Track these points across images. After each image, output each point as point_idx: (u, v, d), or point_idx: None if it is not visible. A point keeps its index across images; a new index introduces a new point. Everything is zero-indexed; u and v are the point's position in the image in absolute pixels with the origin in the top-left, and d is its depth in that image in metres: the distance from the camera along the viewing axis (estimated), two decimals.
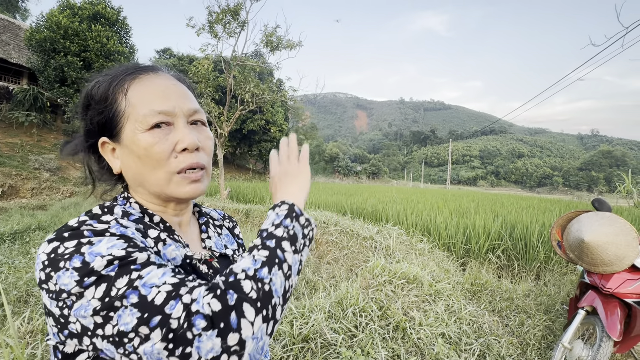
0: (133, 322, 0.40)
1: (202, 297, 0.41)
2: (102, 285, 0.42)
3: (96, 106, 0.57)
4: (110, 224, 0.49)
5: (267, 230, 0.52)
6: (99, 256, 0.43)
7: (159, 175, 0.55)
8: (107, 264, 0.43)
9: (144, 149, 0.54)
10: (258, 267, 0.46)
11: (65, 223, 0.49)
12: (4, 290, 3.39)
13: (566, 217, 2.61)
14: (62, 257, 0.44)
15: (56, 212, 8.44)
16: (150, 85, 0.56)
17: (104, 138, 0.58)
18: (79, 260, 0.43)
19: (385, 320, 2.46)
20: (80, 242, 0.45)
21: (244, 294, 0.43)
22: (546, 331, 2.81)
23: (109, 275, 0.42)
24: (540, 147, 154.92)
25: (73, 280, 0.43)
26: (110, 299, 0.41)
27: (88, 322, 0.43)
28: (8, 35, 18.99)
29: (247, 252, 0.50)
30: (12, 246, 5.35)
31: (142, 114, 0.54)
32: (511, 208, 7.73)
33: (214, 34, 8.20)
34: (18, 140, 15.43)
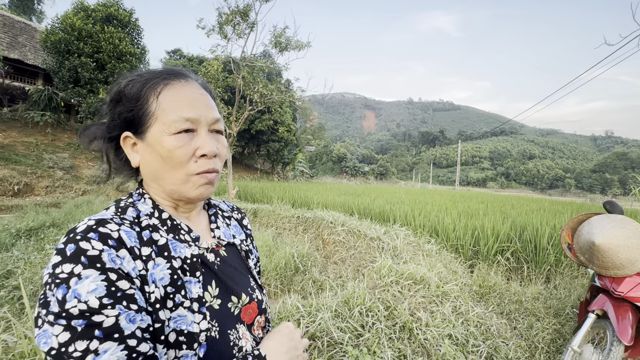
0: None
1: None
2: (66, 334, 0.44)
3: (127, 103, 0.61)
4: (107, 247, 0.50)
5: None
6: (76, 299, 0.45)
7: (177, 175, 0.60)
8: (78, 314, 0.45)
9: (168, 151, 0.58)
10: None
11: (75, 228, 0.51)
12: (20, 285, 3.50)
13: (577, 220, 2.58)
14: (54, 280, 0.46)
15: (69, 209, 8.64)
16: (180, 93, 0.61)
17: (127, 132, 0.61)
18: (61, 294, 0.45)
19: (391, 320, 2.47)
20: (73, 271, 0.46)
21: None
22: (555, 334, 2.78)
23: (75, 329, 0.44)
24: (552, 148, 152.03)
25: (55, 307, 0.45)
26: (63, 353, 0.44)
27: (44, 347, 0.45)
28: (24, 37, 19.49)
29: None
30: (27, 242, 5.51)
31: (171, 119, 0.58)
32: (521, 210, 7.62)
33: (223, 35, 8.29)
34: (33, 140, 15.82)
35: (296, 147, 32.30)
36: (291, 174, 33.10)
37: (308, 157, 48.42)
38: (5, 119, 16.49)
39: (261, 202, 9.49)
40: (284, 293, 3.95)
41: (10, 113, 16.98)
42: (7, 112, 16.92)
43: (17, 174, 12.79)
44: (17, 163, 13.47)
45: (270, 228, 6.40)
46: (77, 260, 0.47)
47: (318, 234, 5.65)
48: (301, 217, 6.28)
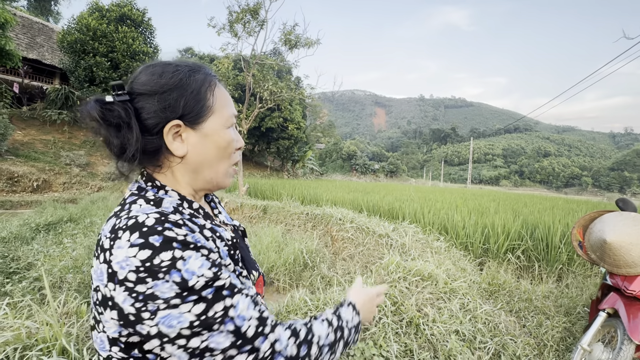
0: (226, 344, 0.50)
1: (285, 340, 0.57)
2: (201, 305, 0.49)
3: (188, 94, 0.60)
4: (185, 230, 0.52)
5: (342, 321, 0.70)
6: (195, 275, 0.49)
7: (223, 166, 0.66)
8: (204, 286, 0.49)
9: (227, 142, 0.64)
10: (325, 344, 0.63)
11: (137, 221, 0.51)
12: (41, 276, 3.65)
13: (588, 217, 2.54)
14: (160, 269, 0.47)
15: (85, 205, 8.90)
16: (224, 92, 0.68)
17: (178, 121, 0.59)
18: (178, 276, 0.48)
19: (398, 315, 2.49)
20: (174, 256, 0.48)
21: (309, 353, 0.59)
22: (565, 333, 2.75)
23: (207, 298, 0.49)
24: (569, 145, 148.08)
25: (173, 291, 0.47)
26: (207, 319, 0.49)
27: (171, 331, 0.48)
28: (42, 37, 20.05)
29: (325, 319, 0.68)
30: (46, 236, 5.71)
31: (228, 114, 0.65)
32: (534, 208, 7.49)
33: (234, 33, 8.38)
34: (51, 138, 16.31)
35: (306, 145, 32.36)
36: (301, 171, 33.21)
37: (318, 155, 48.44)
38: (25, 117, 17.04)
39: (271, 199, 9.58)
40: (293, 288, 4.00)
41: (29, 112, 17.53)
42: (27, 111, 17.47)
43: (36, 170, 13.22)
44: (36, 160, 13.92)
45: (280, 224, 6.47)
46: (171, 247, 0.49)
47: (327, 231, 5.68)
48: (310, 213, 6.33)
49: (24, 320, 1.72)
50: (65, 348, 1.54)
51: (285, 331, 0.57)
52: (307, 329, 0.61)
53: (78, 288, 3.29)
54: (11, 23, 11.98)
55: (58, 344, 1.52)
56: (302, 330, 0.60)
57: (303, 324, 0.62)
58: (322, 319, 0.67)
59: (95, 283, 0.52)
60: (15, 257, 4.44)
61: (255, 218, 7.30)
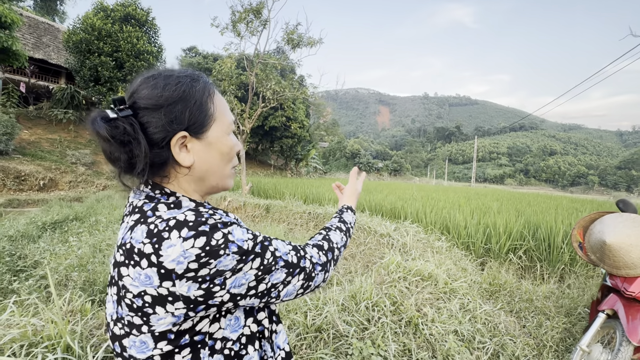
0: (283, 276, 0.64)
1: (316, 254, 0.74)
2: (258, 259, 0.60)
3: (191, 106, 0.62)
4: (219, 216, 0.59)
5: (347, 224, 0.93)
6: (244, 241, 0.58)
7: (227, 170, 0.70)
8: (254, 245, 0.60)
9: (230, 148, 0.69)
10: (341, 245, 0.85)
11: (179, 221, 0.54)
12: (47, 274, 3.72)
13: (589, 218, 2.53)
14: (219, 247, 0.54)
15: (91, 204, 9.00)
16: (222, 98, 0.71)
17: (184, 132, 0.61)
18: (235, 247, 0.56)
19: (397, 315, 2.51)
20: (224, 233, 0.56)
21: (334, 256, 0.80)
22: (565, 334, 2.75)
23: (259, 252, 0.60)
24: (575, 144, 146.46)
25: (235, 260, 0.56)
26: (265, 266, 0.61)
27: (241, 289, 0.59)
28: (48, 37, 20.24)
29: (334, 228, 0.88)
30: (52, 235, 5.80)
31: (229, 120, 0.69)
32: (537, 208, 7.45)
33: (237, 32, 8.40)
34: (57, 137, 16.49)
35: (309, 143, 32.37)
36: (304, 170, 33.23)
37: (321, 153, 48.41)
38: (31, 116, 17.23)
39: (274, 198, 9.62)
40: None
41: (36, 111, 17.73)
42: (33, 110, 17.67)
43: (43, 169, 13.39)
44: (43, 159, 14.09)
45: (282, 224, 6.51)
46: (217, 228, 0.56)
47: None
48: (313, 213, 6.36)
49: (30, 318, 1.76)
50: (70, 345, 1.58)
51: (313, 249, 0.74)
52: (327, 241, 0.80)
53: (83, 286, 3.34)
54: (18, 23, 12.11)
55: (63, 342, 1.56)
56: (324, 243, 0.79)
57: (322, 238, 0.81)
58: (334, 228, 0.87)
59: (139, 289, 0.53)
60: (22, 255, 4.53)
61: (258, 217, 7.35)
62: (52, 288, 1.65)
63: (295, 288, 0.66)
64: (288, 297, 0.66)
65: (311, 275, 0.69)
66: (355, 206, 1.03)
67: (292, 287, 0.66)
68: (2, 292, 3.34)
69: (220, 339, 0.60)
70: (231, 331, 0.62)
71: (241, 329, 0.63)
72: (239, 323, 0.63)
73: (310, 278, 0.69)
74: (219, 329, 0.60)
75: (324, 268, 0.73)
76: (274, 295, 0.63)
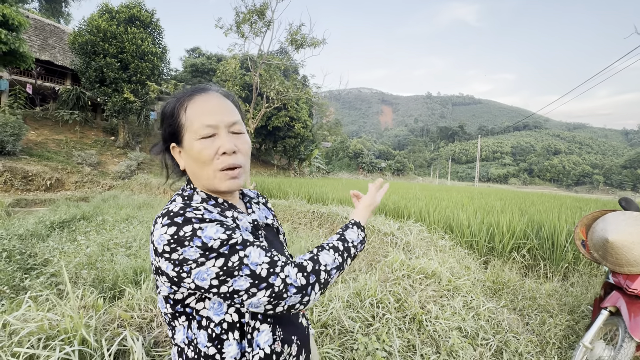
0: (246, 285, 0.64)
1: (294, 274, 0.69)
2: (221, 259, 0.63)
3: (167, 121, 0.78)
4: (202, 210, 0.68)
5: (347, 243, 0.84)
6: (212, 239, 0.63)
7: (207, 172, 0.74)
8: (220, 244, 0.64)
9: (196, 153, 0.73)
10: (332, 268, 0.77)
11: (168, 209, 0.68)
12: (57, 272, 3.80)
13: (591, 216, 2.56)
14: (185, 238, 0.63)
15: (97, 203, 9.12)
16: (201, 104, 0.75)
17: (173, 143, 0.78)
18: (199, 241, 0.63)
19: (401, 312, 2.55)
20: (194, 227, 0.64)
21: (319, 279, 0.72)
22: (568, 331, 2.78)
23: (224, 253, 0.64)
24: (579, 143, 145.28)
25: (197, 253, 0.62)
26: (228, 268, 0.63)
27: (205, 283, 0.63)
28: (54, 39, 20.46)
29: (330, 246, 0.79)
30: (61, 234, 5.90)
31: (195, 127, 0.73)
32: (541, 207, 7.44)
33: (241, 33, 8.47)
34: (63, 137, 16.66)
35: (312, 143, 32.42)
36: (307, 169, 33.29)
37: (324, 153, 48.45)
38: (38, 117, 17.43)
39: (277, 197, 9.67)
40: None
41: (42, 112, 17.93)
42: (40, 111, 17.87)
43: (49, 169, 13.55)
44: (49, 160, 14.25)
45: (286, 223, 6.56)
46: (191, 222, 0.65)
47: (333, 229, 5.75)
48: (316, 212, 6.40)
49: (46, 313, 1.82)
50: (85, 338, 1.64)
51: (294, 268, 0.69)
52: (313, 262, 0.73)
53: (93, 283, 3.41)
54: (25, 26, 12.27)
55: (79, 335, 1.62)
56: (308, 264, 0.72)
57: (310, 258, 0.74)
58: (328, 248, 0.79)
59: (151, 259, 0.70)
60: (32, 253, 4.62)
61: None
62: (68, 284, 1.71)
63: (259, 302, 0.65)
64: (254, 309, 0.66)
65: (281, 295, 0.66)
66: (365, 221, 0.93)
67: (257, 300, 0.65)
68: (15, 289, 3.42)
69: (205, 317, 0.69)
70: (214, 314, 0.69)
71: (223, 315, 0.69)
72: (222, 309, 0.69)
73: (280, 297, 0.66)
74: (203, 308, 0.69)
75: (301, 291, 0.68)
76: (237, 301, 0.65)
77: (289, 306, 0.68)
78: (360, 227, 0.89)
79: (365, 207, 0.96)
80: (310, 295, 0.69)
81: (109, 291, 3.20)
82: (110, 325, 1.91)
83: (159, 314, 2.18)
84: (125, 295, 2.31)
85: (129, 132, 19.27)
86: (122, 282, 3.31)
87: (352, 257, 0.83)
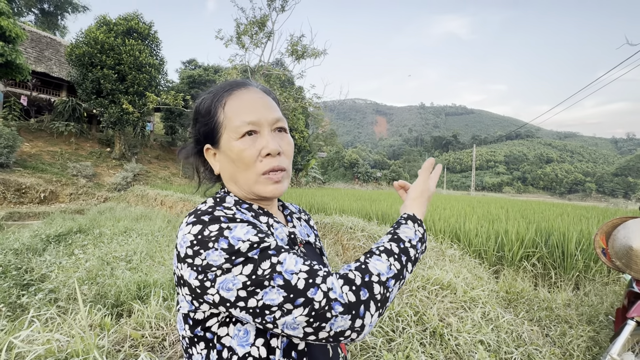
0: (279, 299, 0.51)
1: (339, 287, 0.54)
2: (249, 265, 0.52)
3: (202, 119, 0.69)
4: (234, 210, 0.61)
5: (404, 242, 0.65)
6: (240, 240, 0.54)
7: (248, 176, 0.65)
8: (249, 248, 0.53)
9: (236, 154, 0.64)
10: (390, 277, 0.59)
11: (197, 208, 0.61)
12: (56, 288, 3.65)
13: (611, 224, 2.52)
14: (209, 238, 0.54)
15: (93, 216, 8.92)
16: (241, 99, 0.67)
17: (207, 145, 0.70)
18: (225, 243, 0.53)
19: (421, 325, 2.46)
20: (221, 226, 0.55)
21: (373, 294, 0.55)
22: (590, 342, 2.70)
23: (253, 258, 0.53)
24: (571, 151, 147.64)
25: (222, 257, 0.52)
26: (257, 277, 0.52)
27: (231, 294, 0.52)
28: (50, 51, 20.42)
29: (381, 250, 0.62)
30: (57, 247, 5.72)
31: (236, 124, 0.64)
32: (544, 215, 7.44)
33: (241, 44, 8.51)
34: (58, 149, 16.46)
35: (309, 154, 32.46)
36: (304, 180, 33.24)
37: (320, 163, 48.53)
38: (32, 129, 17.23)
39: None
40: None
41: (37, 124, 17.74)
42: (34, 123, 17.69)
43: (44, 182, 13.31)
44: (44, 171, 14.02)
45: None
46: (219, 221, 0.56)
47: (337, 240, 5.65)
48: (320, 222, 6.31)
49: (53, 334, 1.71)
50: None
51: (339, 280, 0.54)
52: (362, 272, 0.57)
53: (94, 300, 3.27)
54: (22, 38, 12.24)
55: (91, 358, 1.52)
56: (356, 276, 0.56)
57: (357, 268, 0.58)
58: (378, 252, 0.61)
59: (173, 268, 0.60)
60: (28, 268, 4.45)
61: None
62: (80, 301, 1.60)
63: (296, 322, 0.51)
64: (290, 332, 0.52)
65: (323, 315, 0.51)
66: (422, 214, 0.73)
67: (292, 320, 0.51)
68: (11, 306, 3.26)
69: (227, 347, 0.57)
70: (238, 344, 0.57)
71: (249, 347, 0.57)
72: (248, 339, 0.57)
73: (322, 318, 0.51)
74: (226, 335, 0.58)
75: (351, 310, 0.52)
76: (269, 320, 0.52)
77: (337, 333, 0.52)
78: (416, 222, 0.69)
79: (417, 196, 0.75)
80: (364, 318, 0.53)
81: (113, 308, 3.06)
82: (122, 346, 1.80)
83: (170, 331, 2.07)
84: (134, 313, 2.20)
85: (125, 144, 19.11)
86: (126, 298, 3.17)
87: (413, 262, 0.64)
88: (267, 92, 0.73)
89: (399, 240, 0.64)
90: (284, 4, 8.47)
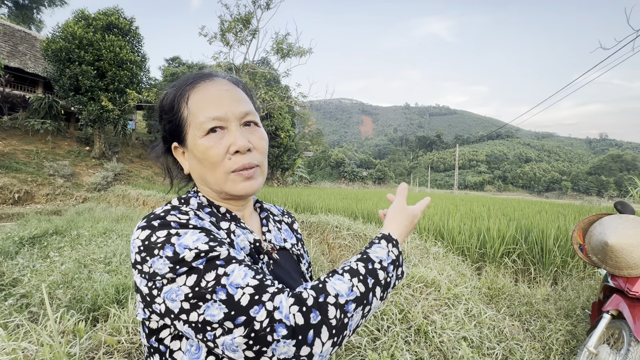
0: (220, 316, 0.46)
1: (287, 307, 0.47)
2: (193, 276, 0.48)
3: (165, 116, 0.64)
4: (190, 216, 0.55)
5: (373, 263, 0.57)
6: (187, 249, 0.49)
7: (216, 175, 0.60)
8: (195, 257, 0.48)
9: (202, 153, 0.59)
10: (349, 300, 0.50)
11: (152, 212, 0.56)
12: (28, 292, 3.47)
13: (588, 220, 2.60)
14: (155, 245, 0.50)
15: (71, 217, 8.59)
16: (205, 93, 0.61)
17: (175, 143, 0.66)
18: (171, 250, 0.49)
19: (406, 323, 2.47)
20: (170, 232, 0.51)
21: (327, 318, 0.47)
22: (568, 336, 2.78)
23: (198, 268, 0.48)
24: (548, 151, 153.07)
25: (166, 266, 0.48)
26: (200, 289, 0.47)
27: (175, 305, 0.48)
28: (25, 46, 19.56)
29: (345, 269, 0.55)
30: (31, 250, 5.47)
31: (200, 121, 0.59)
32: (523, 212, 7.65)
33: (225, 42, 8.37)
34: (33, 148, 15.78)
35: (295, 153, 32.37)
36: (290, 179, 33.12)
37: (306, 163, 48.49)
38: (6, 127, 16.46)
39: None
40: None
41: (11, 121, 16.96)
42: (7, 121, 16.90)
43: (18, 182, 12.73)
44: (18, 171, 13.41)
45: None
46: (169, 227, 0.52)
47: (323, 239, 5.64)
48: (305, 221, 6.27)
49: (20, 342, 1.61)
50: None
51: (289, 299, 0.48)
52: (317, 292, 0.49)
53: (69, 304, 3.14)
54: None
55: None
56: (309, 296, 0.49)
57: (311, 287, 0.51)
58: (342, 271, 0.54)
59: None
60: None
61: None
62: (48, 306, 1.51)
63: (234, 343, 0.45)
64: (230, 354, 0.46)
65: (264, 337, 0.44)
66: (400, 234, 0.64)
67: (230, 341, 0.45)
68: None
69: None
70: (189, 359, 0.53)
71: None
72: (199, 356, 0.52)
73: (262, 341, 0.44)
74: (178, 350, 0.53)
75: (296, 335, 0.45)
76: (209, 337, 0.46)
77: (278, 358, 0.45)
78: (390, 241, 0.61)
79: (395, 214, 0.67)
80: (312, 346, 0.45)
81: (89, 312, 2.94)
82: (96, 353, 1.72)
83: None
84: (110, 317, 2.11)
85: (105, 142, 18.51)
86: (103, 302, 3.05)
87: (382, 286, 0.56)
88: (235, 82, 0.67)
89: (367, 260, 0.57)
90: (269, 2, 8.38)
